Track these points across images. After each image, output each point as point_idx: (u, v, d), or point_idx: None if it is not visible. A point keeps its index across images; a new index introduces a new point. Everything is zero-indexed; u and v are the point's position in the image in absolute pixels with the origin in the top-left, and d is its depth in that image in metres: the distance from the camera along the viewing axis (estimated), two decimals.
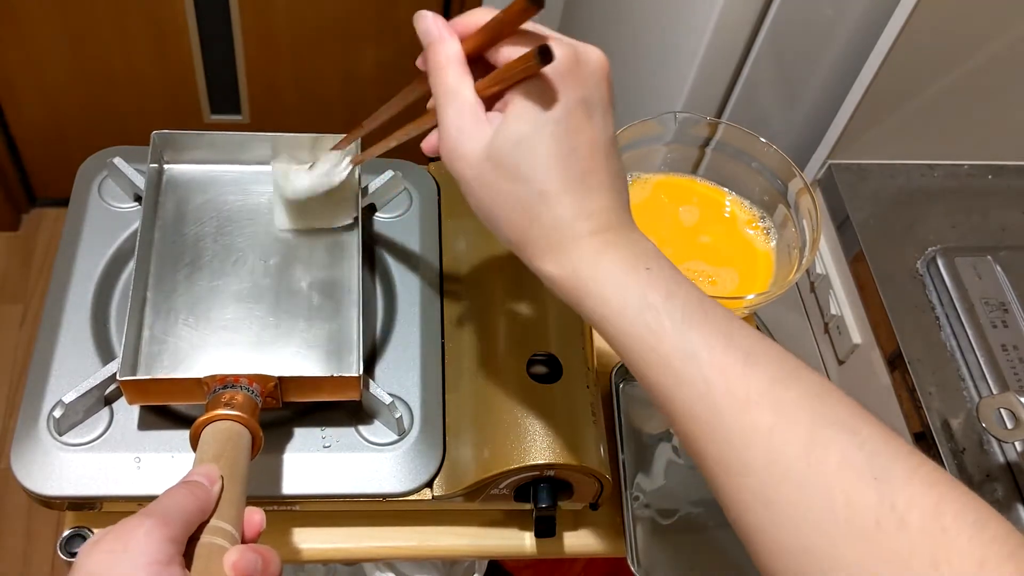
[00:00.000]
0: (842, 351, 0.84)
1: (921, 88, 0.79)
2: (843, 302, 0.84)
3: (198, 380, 0.54)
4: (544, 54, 0.39)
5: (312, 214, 0.64)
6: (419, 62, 0.48)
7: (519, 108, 0.41)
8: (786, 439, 0.36)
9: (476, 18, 0.44)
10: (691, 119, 0.75)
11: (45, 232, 1.76)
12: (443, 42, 0.44)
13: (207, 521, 0.43)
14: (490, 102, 0.43)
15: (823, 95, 0.91)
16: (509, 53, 0.43)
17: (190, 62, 1.56)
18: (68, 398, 0.56)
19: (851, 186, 0.85)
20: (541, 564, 1.00)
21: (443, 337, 0.66)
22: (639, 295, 0.40)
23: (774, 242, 0.74)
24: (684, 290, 0.41)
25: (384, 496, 0.59)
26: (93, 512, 0.60)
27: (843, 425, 0.36)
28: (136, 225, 0.67)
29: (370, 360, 0.64)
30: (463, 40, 0.44)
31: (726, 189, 0.76)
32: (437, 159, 0.46)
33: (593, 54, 0.43)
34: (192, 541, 0.42)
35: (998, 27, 0.74)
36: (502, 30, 0.43)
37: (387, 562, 0.89)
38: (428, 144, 0.48)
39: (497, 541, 0.66)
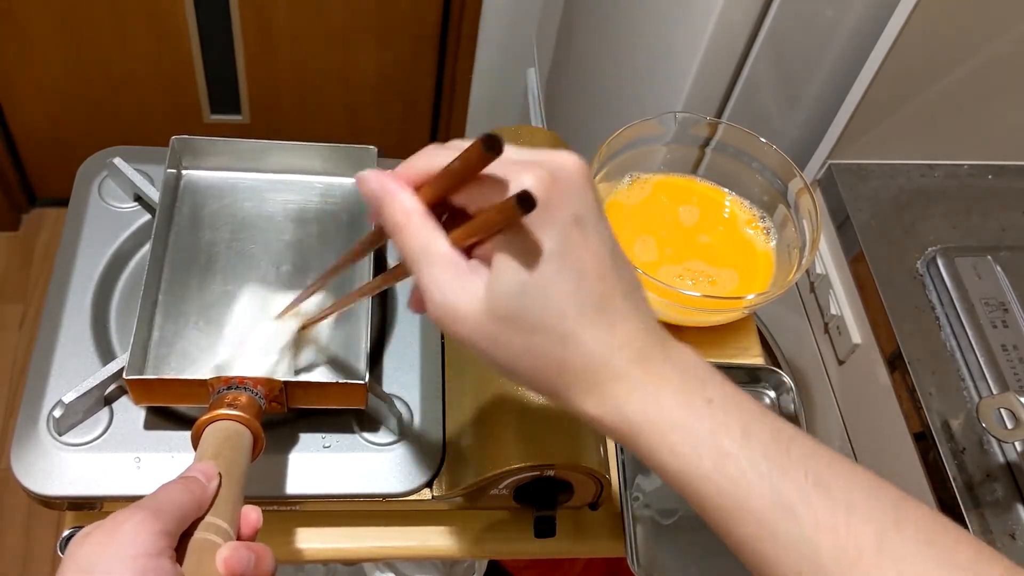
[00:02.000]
0: (842, 351, 0.84)
1: (921, 88, 0.79)
2: (843, 302, 0.85)
3: (203, 381, 0.54)
4: (525, 202, 0.34)
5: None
6: (372, 218, 0.42)
7: (510, 253, 0.36)
8: None
9: (424, 162, 0.39)
10: (691, 119, 0.75)
11: (45, 232, 1.76)
12: (396, 196, 0.38)
13: (202, 518, 0.43)
14: (468, 250, 0.38)
15: (823, 95, 0.91)
16: (477, 198, 0.37)
17: (190, 62, 1.56)
18: (68, 398, 0.56)
19: (851, 186, 0.85)
20: (541, 564, 1.00)
21: (443, 337, 0.66)
22: (711, 441, 0.35)
23: (774, 242, 0.74)
24: (756, 422, 0.36)
25: (384, 496, 0.59)
26: (93, 512, 0.60)
27: (966, 571, 0.34)
28: (136, 225, 0.67)
29: (371, 360, 0.64)
30: (419, 188, 0.39)
31: (726, 189, 0.76)
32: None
33: (568, 163, 0.37)
34: (186, 537, 0.42)
35: (998, 27, 0.74)
36: (463, 174, 0.37)
37: (387, 562, 0.89)
38: (414, 302, 0.43)
39: (497, 541, 0.66)
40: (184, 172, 0.67)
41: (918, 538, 0.34)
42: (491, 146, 0.34)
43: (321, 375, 0.59)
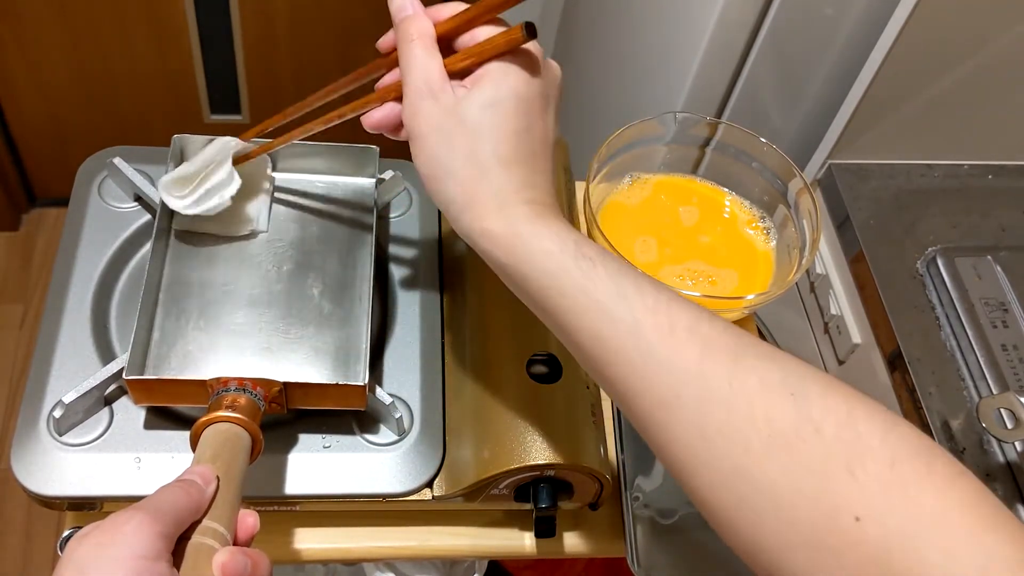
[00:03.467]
0: (842, 351, 0.84)
1: (921, 88, 0.79)
2: (843, 302, 0.85)
3: (203, 382, 0.54)
4: (530, 29, 0.44)
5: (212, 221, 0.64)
6: (382, 41, 0.51)
7: (496, 75, 0.45)
8: (712, 367, 0.39)
9: (449, 9, 0.48)
10: (691, 119, 0.75)
11: (45, 232, 1.76)
12: (417, 18, 0.48)
13: (199, 521, 0.43)
14: (455, 78, 0.47)
15: (823, 95, 0.91)
16: (483, 34, 0.47)
17: (190, 62, 1.56)
18: (68, 398, 0.56)
19: (851, 186, 0.85)
20: (541, 564, 1.00)
21: (443, 337, 0.66)
22: (575, 248, 0.43)
23: (774, 242, 0.74)
24: (612, 254, 0.44)
25: (384, 496, 0.59)
26: (93, 512, 0.60)
27: (762, 354, 0.39)
28: (136, 225, 0.67)
29: (371, 361, 0.64)
30: (435, 24, 0.48)
31: (726, 189, 0.76)
32: (379, 136, 0.50)
33: (554, 64, 0.49)
34: (183, 540, 0.42)
35: (998, 27, 0.74)
36: (475, 19, 0.47)
37: (387, 562, 0.89)
38: (371, 119, 0.50)
39: (497, 541, 0.66)
40: None
41: (724, 329, 0.40)
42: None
43: (321, 376, 0.59)
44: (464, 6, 0.48)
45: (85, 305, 0.63)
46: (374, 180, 0.69)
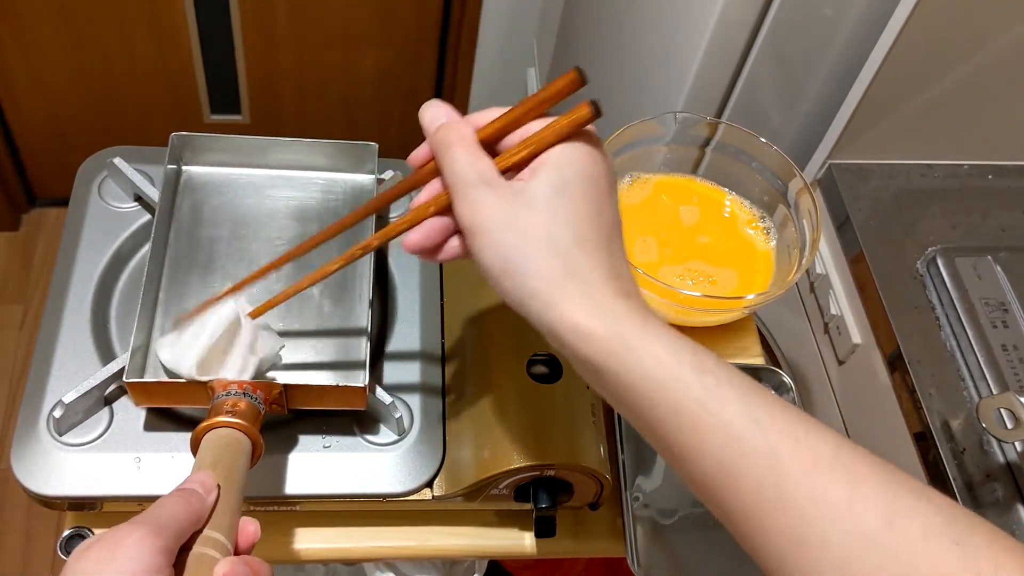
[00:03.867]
0: (842, 351, 0.84)
1: (921, 88, 0.79)
2: (843, 302, 0.84)
3: (203, 384, 0.54)
4: (596, 107, 0.41)
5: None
6: (415, 154, 0.47)
7: (562, 158, 0.42)
8: (865, 509, 0.35)
9: (488, 115, 0.45)
10: (691, 119, 0.75)
11: (45, 232, 1.76)
12: (455, 124, 0.44)
13: (201, 530, 0.43)
14: (507, 176, 0.43)
15: (823, 95, 0.91)
16: (535, 127, 0.43)
17: (190, 62, 1.56)
18: (68, 398, 0.56)
19: (851, 186, 0.85)
20: (541, 564, 1.00)
21: (443, 337, 0.66)
22: (693, 358, 0.38)
23: (774, 242, 0.74)
24: (727, 363, 0.40)
25: (384, 496, 0.59)
26: (93, 512, 0.60)
27: (918, 493, 0.36)
28: (136, 225, 0.67)
29: (371, 361, 0.64)
30: (476, 130, 0.44)
31: (726, 189, 0.76)
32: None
33: (609, 158, 0.45)
34: (184, 551, 0.42)
35: (998, 27, 0.74)
36: (521, 118, 0.44)
37: (387, 562, 0.89)
38: (410, 240, 0.46)
39: (497, 541, 0.66)
40: (184, 169, 0.67)
41: (871, 460, 0.37)
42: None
43: (321, 377, 0.59)
44: (504, 109, 0.44)
45: (85, 305, 0.63)
46: (373, 177, 0.69)
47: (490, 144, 0.44)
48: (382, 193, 0.51)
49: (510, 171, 0.43)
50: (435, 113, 0.45)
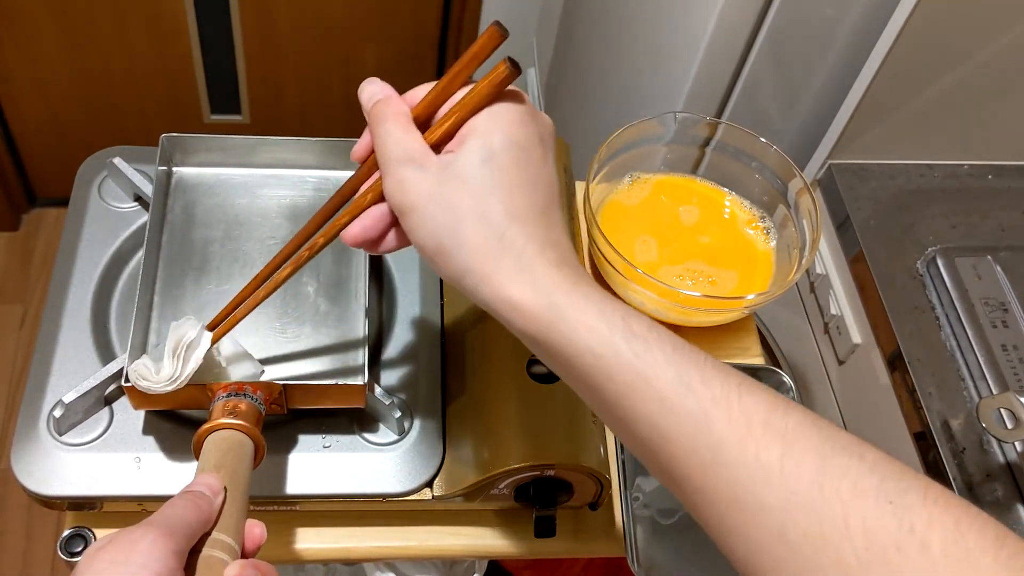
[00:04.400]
0: (842, 351, 0.84)
1: (921, 88, 0.79)
2: (843, 302, 0.85)
3: (203, 387, 0.54)
4: (514, 64, 0.39)
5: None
6: (357, 148, 0.46)
7: (487, 125, 0.41)
8: (797, 469, 0.35)
9: (423, 90, 0.44)
10: (691, 119, 0.75)
11: (45, 232, 1.76)
12: (390, 101, 0.44)
13: (209, 532, 0.43)
14: (436, 150, 0.42)
15: (823, 95, 0.91)
16: (461, 95, 0.42)
17: (190, 62, 1.56)
18: (68, 398, 0.56)
19: (851, 186, 0.85)
20: (541, 564, 1.00)
21: (443, 337, 0.66)
22: (624, 325, 0.38)
23: (774, 242, 0.74)
24: (661, 327, 0.39)
25: (384, 496, 0.59)
26: (93, 512, 0.60)
27: (850, 451, 0.35)
28: (136, 225, 0.67)
29: (370, 360, 0.64)
30: (411, 108, 0.44)
31: (726, 189, 0.76)
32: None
33: (545, 116, 0.44)
34: (194, 553, 0.42)
35: (998, 27, 0.74)
36: (449, 85, 0.43)
37: (387, 562, 0.89)
38: (351, 233, 0.44)
39: (497, 541, 0.66)
40: (176, 170, 0.67)
41: (803, 422, 0.36)
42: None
43: (320, 377, 0.59)
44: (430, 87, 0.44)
45: (85, 305, 0.63)
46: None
47: (427, 120, 0.43)
48: (333, 196, 0.50)
49: (440, 144, 0.42)
50: (373, 90, 0.45)
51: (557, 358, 0.40)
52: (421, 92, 0.44)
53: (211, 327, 0.54)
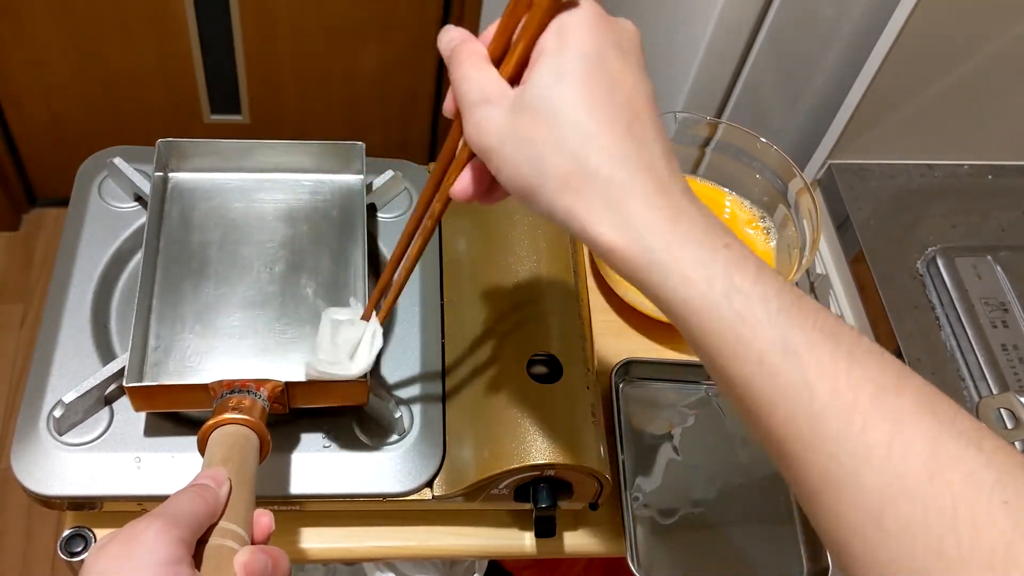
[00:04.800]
0: None
1: (921, 88, 0.79)
2: (843, 302, 0.85)
3: (205, 386, 0.54)
4: None
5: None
6: (446, 105, 0.43)
7: (552, 44, 0.37)
8: (905, 453, 0.32)
9: (494, 26, 0.42)
10: (691, 119, 0.75)
11: (45, 232, 1.76)
12: (465, 43, 0.41)
13: (216, 523, 0.43)
14: (514, 84, 0.39)
15: (823, 95, 0.91)
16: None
17: (190, 62, 1.56)
18: (68, 398, 0.56)
19: (851, 186, 0.85)
20: (541, 564, 1.00)
21: (443, 337, 0.66)
22: (724, 277, 0.35)
23: (774, 242, 0.74)
24: (770, 274, 0.35)
25: (384, 496, 0.59)
26: (93, 512, 0.60)
27: (966, 438, 0.32)
28: (136, 225, 0.67)
29: None
30: (487, 46, 0.41)
31: (726, 189, 0.76)
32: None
33: (625, 20, 0.40)
34: (201, 544, 0.42)
35: (998, 27, 0.74)
36: (515, 11, 0.39)
37: (387, 562, 0.89)
38: (456, 188, 0.43)
39: (497, 541, 0.66)
40: (172, 175, 0.67)
41: (918, 402, 0.33)
42: None
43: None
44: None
45: (85, 305, 0.63)
46: (361, 177, 0.68)
47: (503, 53, 0.40)
48: (440, 158, 0.47)
49: (516, 75, 0.39)
50: (450, 36, 0.42)
51: (656, 302, 0.37)
52: (493, 29, 0.41)
53: (366, 316, 0.56)
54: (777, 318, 0.34)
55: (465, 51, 0.40)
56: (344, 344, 0.55)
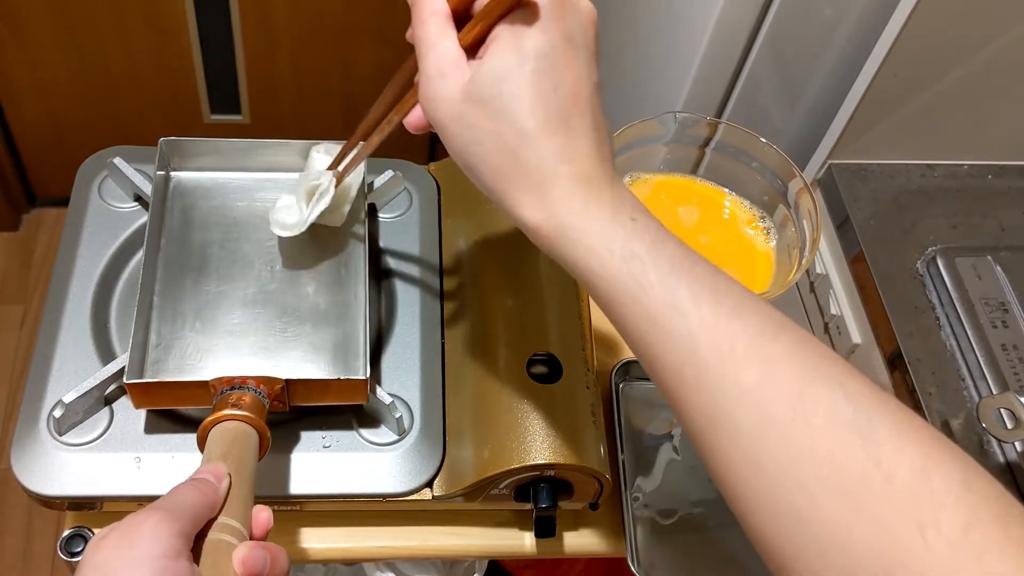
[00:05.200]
0: (842, 351, 0.84)
1: (921, 88, 0.79)
2: (843, 302, 0.85)
3: (205, 383, 0.54)
4: None
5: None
6: (409, 33, 0.46)
7: (502, 42, 0.40)
8: (773, 394, 0.36)
9: None
10: (691, 119, 0.75)
11: (45, 232, 1.76)
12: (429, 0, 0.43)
13: (215, 519, 0.43)
14: (472, 53, 0.42)
15: (823, 95, 0.91)
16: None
17: (190, 62, 1.56)
18: (68, 398, 0.56)
19: (851, 186, 0.85)
20: (541, 564, 1.00)
21: (443, 337, 0.66)
22: (624, 245, 0.39)
23: (774, 242, 0.74)
24: (670, 243, 0.40)
25: (384, 496, 0.59)
26: (93, 512, 0.60)
27: (829, 379, 0.36)
28: (136, 225, 0.67)
29: (371, 360, 0.64)
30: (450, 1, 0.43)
31: (726, 189, 0.76)
32: (425, 136, 0.46)
33: (586, 3, 0.42)
34: (200, 539, 0.42)
35: (998, 27, 0.74)
36: None
37: (387, 562, 0.89)
38: (412, 118, 0.47)
39: (497, 541, 0.66)
40: (173, 174, 0.67)
41: (790, 347, 0.37)
42: None
43: (321, 372, 0.59)
44: None
45: (85, 305, 0.63)
46: (362, 176, 0.68)
47: (466, 11, 0.42)
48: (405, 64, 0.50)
49: (474, 45, 0.41)
50: None
51: (574, 275, 0.41)
52: None
53: (332, 168, 0.61)
54: (668, 279, 0.38)
55: (427, 8, 0.42)
56: (304, 195, 0.60)
